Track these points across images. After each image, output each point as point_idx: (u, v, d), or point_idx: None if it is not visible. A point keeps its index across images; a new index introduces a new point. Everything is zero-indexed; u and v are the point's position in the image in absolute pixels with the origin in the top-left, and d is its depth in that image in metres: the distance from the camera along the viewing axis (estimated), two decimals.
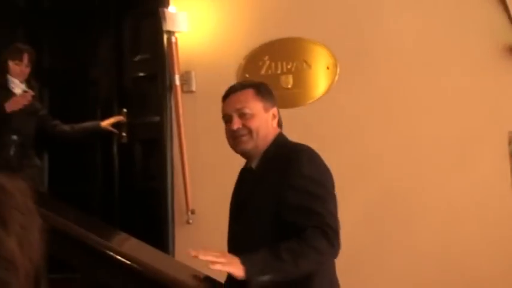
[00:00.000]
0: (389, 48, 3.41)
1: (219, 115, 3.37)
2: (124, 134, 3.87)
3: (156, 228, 3.53)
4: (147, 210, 3.74)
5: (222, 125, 3.16)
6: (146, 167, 3.89)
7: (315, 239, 1.71)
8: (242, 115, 1.91)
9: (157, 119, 3.69)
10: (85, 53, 4.15)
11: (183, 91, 3.54)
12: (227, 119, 1.96)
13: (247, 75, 3.52)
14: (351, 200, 3.34)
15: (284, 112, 3.29)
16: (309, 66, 3.53)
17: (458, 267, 3.17)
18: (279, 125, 2.03)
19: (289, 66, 3.54)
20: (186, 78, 3.57)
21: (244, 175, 2.04)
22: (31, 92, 3.47)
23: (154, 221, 3.61)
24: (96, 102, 4.08)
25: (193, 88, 3.58)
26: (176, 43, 3.52)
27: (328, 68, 3.48)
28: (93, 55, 4.14)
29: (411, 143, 3.35)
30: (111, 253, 1.82)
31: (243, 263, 1.65)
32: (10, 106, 3.36)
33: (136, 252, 2.05)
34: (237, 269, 1.64)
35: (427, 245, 3.25)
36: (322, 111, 3.46)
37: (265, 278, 1.68)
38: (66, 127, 3.71)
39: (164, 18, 3.50)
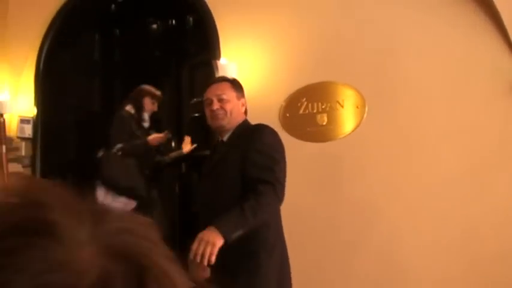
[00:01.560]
0: (411, 88, 3.58)
1: None
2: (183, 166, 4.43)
3: None
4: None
5: None
6: None
7: (267, 194, 2.13)
8: (220, 100, 2.37)
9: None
10: None
11: None
12: (209, 102, 2.39)
13: (287, 115, 3.79)
14: (376, 225, 3.56)
15: (319, 145, 3.79)
16: (341, 106, 3.71)
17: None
18: (245, 113, 2.50)
19: (323, 106, 3.75)
20: None
21: (217, 147, 2.48)
22: (168, 133, 3.98)
23: None
24: None
25: None
26: None
27: (357, 107, 3.67)
28: None
29: (432, 172, 3.49)
30: None
31: (217, 228, 1.99)
32: (153, 141, 3.92)
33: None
34: (218, 240, 1.96)
35: (448, 264, 3.39)
36: (353, 145, 3.65)
37: (237, 233, 2.03)
38: (167, 158, 4.16)
39: (216, 68, 3.77)
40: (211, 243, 1.95)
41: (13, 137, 4.41)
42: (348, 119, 3.75)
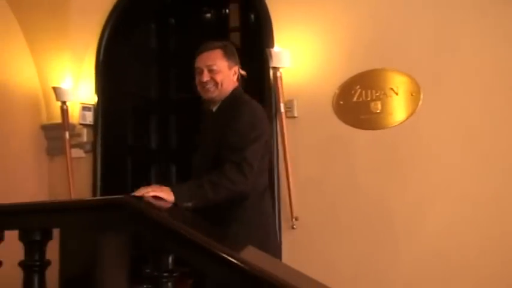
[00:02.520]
0: (466, 75, 3.51)
1: (318, 136, 3.89)
2: None
3: None
4: None
5: (320, 145, 3.66)
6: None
7: (231, 172, 2.09)
8: (211, 70, 2.27)
9: None
10: None
11: (286, 117, 3.86)
12: (199, 71, 2.31)
13: (341, 103, 3.79)
14: (429, 214, 3.53)
15: (373, 133, 3.79)
16: (395, 93, 3.68)
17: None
18: (238, 80, 2.40)
19: (377, 94, 3.73)
20: (289, 106, 3.89)
21: (208, 117, 2.43)
22: None
23: None
24: None
25: (296, 114, 3.90)
26: (281, 77, 3.83)
27: (412, 94, 3.63)
28: None
29: (490, 162, 3.41)
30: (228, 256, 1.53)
31: (173, 190, 1.98)
32: None
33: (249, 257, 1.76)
34: (168, 195, 1.96)
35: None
36: (408, 133, 3.62)
37: (191, 203, 2.01)
38: None
39: (270, 56, 3.82)
40: (160, 191, 1.96)
41: (75, 123, 4.63)
42: (402, 106, 3.73)
